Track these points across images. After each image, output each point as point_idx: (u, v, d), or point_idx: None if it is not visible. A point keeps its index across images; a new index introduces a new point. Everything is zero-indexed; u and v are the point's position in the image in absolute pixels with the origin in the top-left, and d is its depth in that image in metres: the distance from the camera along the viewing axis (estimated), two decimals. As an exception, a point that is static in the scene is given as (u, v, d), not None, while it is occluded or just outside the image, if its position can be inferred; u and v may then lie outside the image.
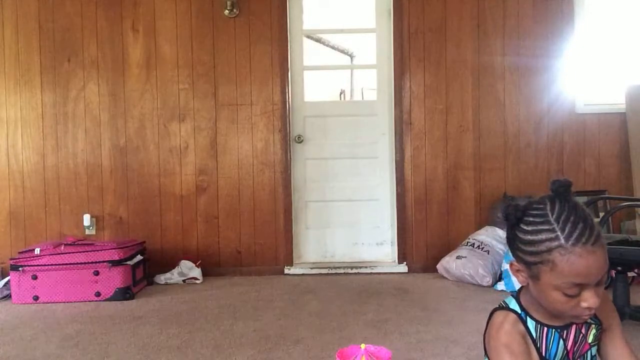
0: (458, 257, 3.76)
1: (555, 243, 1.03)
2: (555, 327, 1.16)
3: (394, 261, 4.18)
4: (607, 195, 3.98)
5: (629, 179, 4.08)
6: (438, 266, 3.89)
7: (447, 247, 4.00)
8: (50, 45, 4.09)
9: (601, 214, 3.91)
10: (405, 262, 4.12)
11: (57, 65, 4.10)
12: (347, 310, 3.11)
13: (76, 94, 4.12)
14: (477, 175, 4.12)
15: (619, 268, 2.63)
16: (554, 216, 1.05)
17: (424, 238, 4.13)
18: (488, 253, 3.67)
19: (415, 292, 3.52)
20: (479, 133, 4.12)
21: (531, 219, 1.08)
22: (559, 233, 1.03)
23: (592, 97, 4.17)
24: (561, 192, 1.08)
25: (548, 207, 1.07)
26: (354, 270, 4.10)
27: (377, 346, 1.69)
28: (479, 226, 4.02)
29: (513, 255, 1.14)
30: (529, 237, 1.07)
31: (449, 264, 3.79)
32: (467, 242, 3.86)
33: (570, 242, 1.02)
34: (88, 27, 4.10)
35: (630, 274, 3.23)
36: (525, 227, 1.09)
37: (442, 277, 3.86)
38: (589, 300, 1.05)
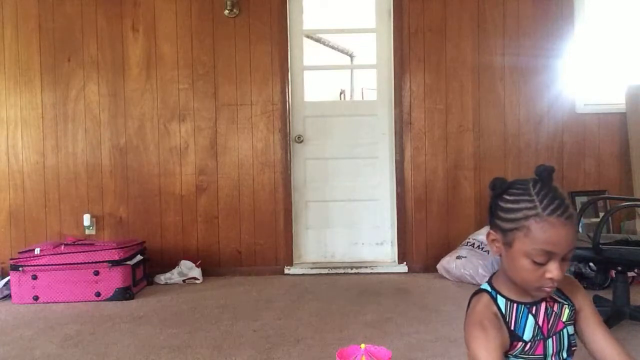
0: (458, 257, 3.76)
1: (533, 212, 1.14)
2: (525, 304, 1.25)
3: (394, 261, 4.18)
4: (607, 195, 3.98)
5: (629, 179, 4.08)
6: (438, 266, 3.90)
7: (447, 247, 4.00)
8: (50, 45, 4.09)
9: (601, 214, 3.91)
10: (405, 262, 4.12)
11: (57, 65, 4.10)
12: (347, 310, 3.11)
13: (76, 94, 4.12)
14: (477, 175, 4.12)
15: (619, 268, 2.63)
16: (535, 191, 1.17)
17: (424, 238, 4.13)
18: (488, 253, 3.67)
19: (415, 292, 3.52)
20: (479, 133, 4.12)
21: (514, 190, 1.20)
22: (537, 203, 1.15)
23: (592, 97, 4.17)
24: (544, 176, 1.20)
25: (531, 184, 1.19)
26: (354, 270, 4.10)
27: (377, 346, 1.69)
28: (479, 226, 4.01)
29: (492, 225, 1.25)
30: (510, 206, 1.19)
31: (449, 264, 3.79)
32: (467, 242, 3.86)
33: (546, 212, 1.13)
34: (88, 27, 4.10)
35: (630, 274, 3.23)
36: (507, 197, 1.20)
37: (442, 277, 3.86)
38: (553, 271, 1.14)
